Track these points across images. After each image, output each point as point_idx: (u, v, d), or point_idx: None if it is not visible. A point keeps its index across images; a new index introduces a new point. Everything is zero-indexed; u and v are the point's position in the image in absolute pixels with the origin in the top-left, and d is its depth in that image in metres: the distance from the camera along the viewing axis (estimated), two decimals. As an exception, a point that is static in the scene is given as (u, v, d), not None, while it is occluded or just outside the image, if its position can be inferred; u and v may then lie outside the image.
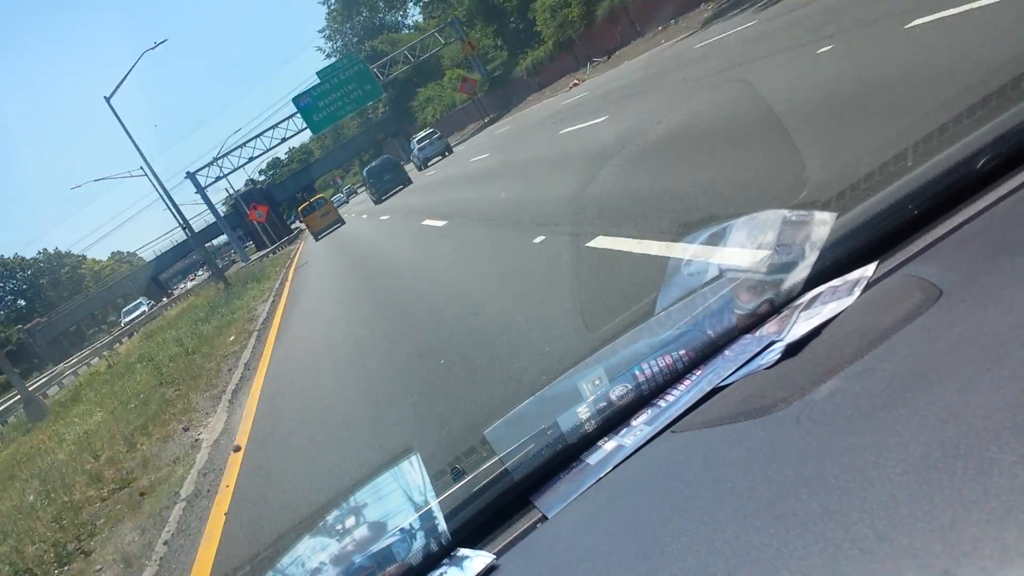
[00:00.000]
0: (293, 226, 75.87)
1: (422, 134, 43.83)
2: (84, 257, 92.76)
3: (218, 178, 56.74)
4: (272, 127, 57.23)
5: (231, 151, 57.02)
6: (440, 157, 39.52)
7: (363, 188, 53.59)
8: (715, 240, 1.15)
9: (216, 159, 56.75)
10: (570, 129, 14.33)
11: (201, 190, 54.69)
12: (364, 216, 32.06)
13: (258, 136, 57.14)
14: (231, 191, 69.55)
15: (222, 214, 69.93)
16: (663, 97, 11.62)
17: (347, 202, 76.03)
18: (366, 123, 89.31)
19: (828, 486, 0.64)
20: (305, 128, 53.02)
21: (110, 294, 75.24)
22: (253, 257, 51.75)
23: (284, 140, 56.74)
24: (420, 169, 39.57)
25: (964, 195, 1.03)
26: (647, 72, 18.13)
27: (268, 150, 58.02)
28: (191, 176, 55.25)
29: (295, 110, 50.35)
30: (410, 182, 33.06)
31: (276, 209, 70.04)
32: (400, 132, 77.50)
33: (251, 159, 57.10)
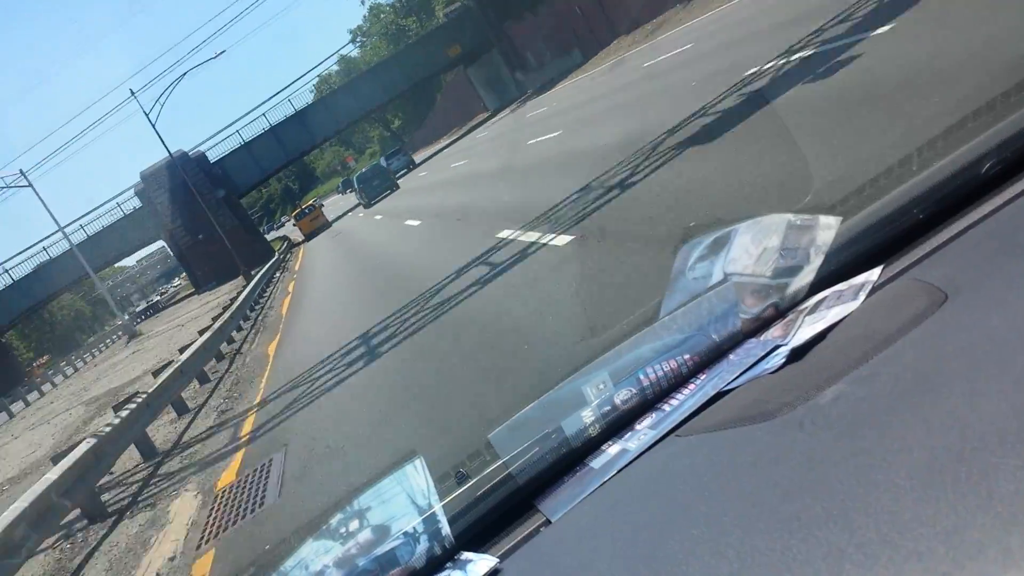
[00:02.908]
0: (272, 235, 55.12)
1: (390, 150, 47.16)
2: None
3: None
4: None
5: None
6: (406, 170, 42.64)
7: (352, 193, 48.74)
8: (720, 244, 1.15)
9: None
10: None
11: None
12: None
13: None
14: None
15: (125, 213, 40.55)
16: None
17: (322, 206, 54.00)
18: (402, 46, 46.76)
19: (832, 491, 0.64)
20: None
21: None
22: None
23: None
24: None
25: (969, 199, 1.03)
26: None
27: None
28: None
29: None
30: (398, 187, 35.14)
31: (228, 204, 38.96)
32: (490, 45, 42.10)
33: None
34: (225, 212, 38.52)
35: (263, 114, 45.30)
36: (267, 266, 27.48)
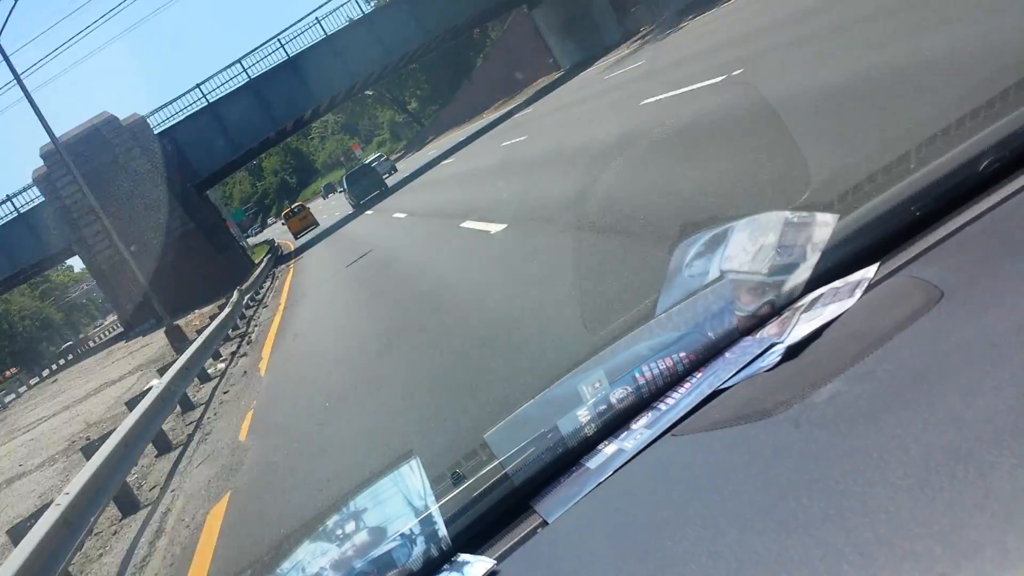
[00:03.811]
0: (253, 240, 51.57)
1: (371, 156, 49.83)
2: None
3: None
4: None
5: None
6: (387, 175, 44.76)
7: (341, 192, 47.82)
8: (716, 241, 1.15)
9: None
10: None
11: None
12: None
13: None
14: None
15: (19, 213, 24.59)
16: None
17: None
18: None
19: (829, 490, 0.64)
20: None
21: None
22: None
23: None
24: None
25: (966, 197, 1.03)
26: None
27: None
28: None
29: None
30: (387, 187, 35.52)
31: (178, 197, 24.35)
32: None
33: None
34: (173, 210, 23.58)
35: (240, 64, 29.11)
36: (214, 324, 13.62)
